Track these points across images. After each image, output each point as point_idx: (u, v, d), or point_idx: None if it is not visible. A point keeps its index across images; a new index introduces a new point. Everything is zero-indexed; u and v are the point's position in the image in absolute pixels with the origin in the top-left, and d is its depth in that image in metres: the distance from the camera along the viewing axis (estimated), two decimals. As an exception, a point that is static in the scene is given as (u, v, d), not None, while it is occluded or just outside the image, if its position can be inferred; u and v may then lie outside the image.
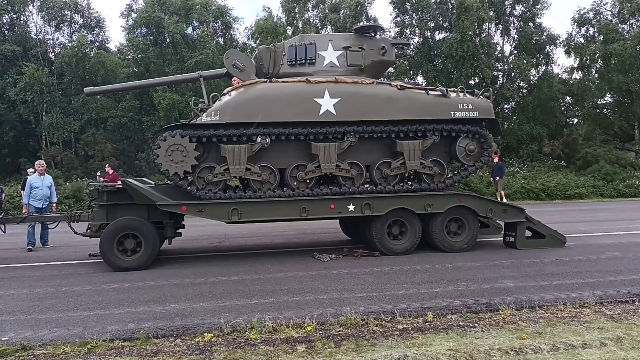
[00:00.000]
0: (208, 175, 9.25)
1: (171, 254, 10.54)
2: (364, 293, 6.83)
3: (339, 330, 5.32)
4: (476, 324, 5.44)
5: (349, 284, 7.37)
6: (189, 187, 9.17)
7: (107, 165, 18.81)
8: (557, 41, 32.23)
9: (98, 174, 18.64)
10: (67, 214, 10.07)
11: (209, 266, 9.08)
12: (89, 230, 9.63)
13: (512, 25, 31.60)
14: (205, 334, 5.25)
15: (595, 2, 32.64)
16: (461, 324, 5.46)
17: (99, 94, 19.49)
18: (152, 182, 11.08)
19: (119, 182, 9.80)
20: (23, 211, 11.81)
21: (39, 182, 12.29)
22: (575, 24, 32.91)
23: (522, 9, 31.10)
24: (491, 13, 29.03)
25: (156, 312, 6.16)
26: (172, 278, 8.08)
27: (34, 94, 27.40)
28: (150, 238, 8.99)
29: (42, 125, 28.35)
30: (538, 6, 30.68)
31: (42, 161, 13.54)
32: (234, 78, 10.03)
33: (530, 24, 30.83)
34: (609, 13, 32.78)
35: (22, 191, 18.68)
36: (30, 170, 19.18)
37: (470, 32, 27.95)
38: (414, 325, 5.46)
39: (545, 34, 31.27)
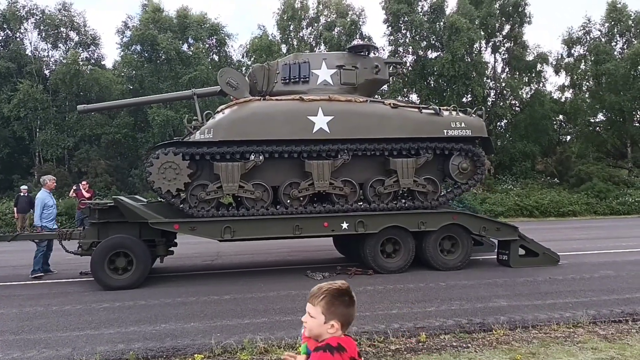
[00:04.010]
0: (201, 193, 9.22)
1: (163, 272, 10.45)
2: (357, 312, 6.76)
3: (331, 351, 5.25)
4: (469, 344, 5.40)
5: (342, 303, 7.30)
6: (181, 205, 9.14)
7: (84, 182, 18.18)
8: (549, 58, 32.62)
9: (74, 187, 18.33)
10: (59, 232, 9.98)
11: (201, 285, 9.00)
12: (80, 249, 9.55)
13: (501, 44, 31.94)
14: (196, 355, 5.19)
15: (585, 22, 33.09)
16: (454, 344, 5.42)
17: (93, 111, 19.47)
18: (145, 200, 11.02)
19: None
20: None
21: (51, 201, 10.67)
22: (565, 45, 33.28)
23: (509, 27, 31.44)
24: (482, 33, 29.30)
25: (146, 333, 6.09)
26: (163, 297, 8.00)
27: (28, 111, 27.33)
28: (141, 256, 8.92)
29: (36, 142, 28.26)
30: (524, 27, 31.11)
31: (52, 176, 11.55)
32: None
33: (518, 42, 31.22)
34: (599, 33, 33.19)
35: (14, 208, 18.64)
36: (23, 187, 19.11)
37: (461, 52, 28.19)
38: (407, 345, 5.42)
39: (535, 53, 31.67)
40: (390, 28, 31.00)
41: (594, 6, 62.96)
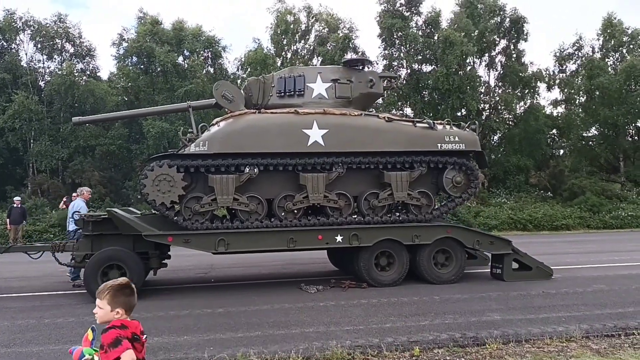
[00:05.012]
0: (195, 206, 9.21)
1: (156, 285, 10.41)
2: (350, 326, 6.78)
3: (325, 365, 5.26)
4: (463, 359, 5.41)
5: (335, 317, 7.31)
6: (175, 218, 9.13)
7: (75, 194, 18.20)
8: (543, 74, 32.95)
9: (64, 199, 18.25)
10: (52, 244, 9.93)
11: (194, 298, 8.97)
12: (73, 261, 9.51)
13: (496, 58, 32.24)
14: (189, 369, 5.17)
15: (578, 38, 33.46)
16: (448, 358, 5.43)
17: (87, 123, 19.48)
18: (139, 212, 10.99)
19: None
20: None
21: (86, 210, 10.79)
22: (557, 62, 33.61)
23: (506, 42, 31.75)
24: (475, 48, 29.50)
25: (139, 346, 6.05)
26: (156, 310, 7.96)
27: (23, 122, 27.28)
28: (134, 269, 8.88)
29: (30, 153, 28.19)
30: (520, 43, 31.45)
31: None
32: None
33: (514, 58, 31.52)
34: (590, 49, 33.57)
35: (7, 219, 18.54)
36: (16, 198, 19.06)
37: (455, 66, 28.41)
38: (401, 359, 5.41)
39: (529, 71, 31.98)
40: (384, 43, 31.19)
41: (587, 18, 63.55)
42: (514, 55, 31.78)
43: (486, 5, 30.94)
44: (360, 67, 10.76)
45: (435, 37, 30.21)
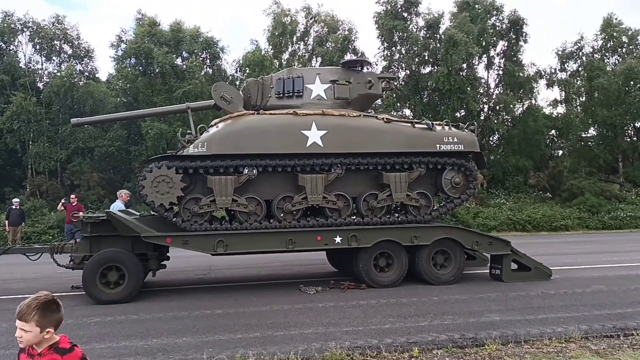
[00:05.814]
0: (194, 207, 9.20)
1: (155, 286, 10.40)
2: (349, 327, 6.77)
3: (324, 366, 5.25)
4: (462, 359, 5.39)
5: (334, 318, 7.31)
6: (174, 219, 9.12)
7: (72, 195, 18.41)
8: (543, 75, 33.04)
9: (62, 201, 18.37)
10: (50, 245, 9.91)
11: (193, 299, 8.96)
12: (71, 262, 9.49)
13: (495, 60, 32.28)
14: (188, 370, 5.16)
15: (579, 38, 33.51)
16: (447, 359, 5.42)
17: (86, 124, 19.46)
18: (137, 213, 10.98)
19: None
20: None
21: None
22: (559, 61, 33.66)
23: (505, 44, 31.75)
24: (477, 48, 29.48)
25: (138, 347, 6.05)
26: (155, 312, 7.95)
27: (21, 123, 27.26)
28: (133, 270, 8.87)
29: (29, 155, 28.15)
30: (520, 43, 31.39)
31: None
32: None
33: (513, 60, 31.53)
34: (591, 49, 33.58)
35: (6, 221, 18.53)
36: (15, 200, 19.07)
37: (457, 66, 28.40)
38: (400, 360, 5.40)
39: (527, 72, 32.01)
40: (383, 44, 31.13)
41: (587, 18, 63.65)
42: (514, 59, 31.74)
43: (483, 7, 30.93)
44: (359, 68, 10.76)
45: (437, 38, 30.14)
